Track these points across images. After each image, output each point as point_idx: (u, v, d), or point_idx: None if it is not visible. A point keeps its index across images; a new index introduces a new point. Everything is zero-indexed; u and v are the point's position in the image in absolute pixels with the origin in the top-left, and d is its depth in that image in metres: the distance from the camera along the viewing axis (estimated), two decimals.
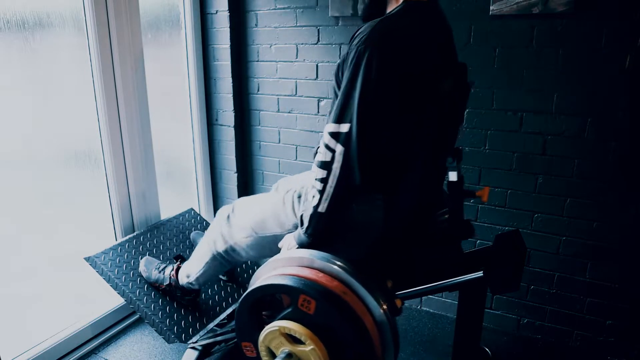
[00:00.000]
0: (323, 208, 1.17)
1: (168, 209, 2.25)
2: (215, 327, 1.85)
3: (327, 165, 1.14)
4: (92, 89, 1.84)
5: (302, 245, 1.25)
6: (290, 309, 1.12)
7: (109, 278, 1.81)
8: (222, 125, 2.47)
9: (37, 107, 1.71)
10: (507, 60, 1.80)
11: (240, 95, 2.44)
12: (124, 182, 1.99)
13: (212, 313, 1.89)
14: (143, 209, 2.07)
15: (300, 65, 2.24)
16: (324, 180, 1.15)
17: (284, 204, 1.41)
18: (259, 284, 1.16)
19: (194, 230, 2.19)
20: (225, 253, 1.58)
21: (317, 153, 1.20)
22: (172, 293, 1.83)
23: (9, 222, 1.67)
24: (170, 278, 1.81)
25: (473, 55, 1.85)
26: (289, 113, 2.33)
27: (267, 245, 1.48)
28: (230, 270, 2.05)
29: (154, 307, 1.81)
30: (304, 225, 1.22)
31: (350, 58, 1.12)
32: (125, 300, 1.81)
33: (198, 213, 2.32)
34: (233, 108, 2.40)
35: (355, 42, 1.12)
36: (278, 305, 1.20)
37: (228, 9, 2.27)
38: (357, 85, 1.10)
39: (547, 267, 1.92)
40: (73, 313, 1.89)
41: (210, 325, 1.83)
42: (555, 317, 1.95)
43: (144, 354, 1.87)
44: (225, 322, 1.90)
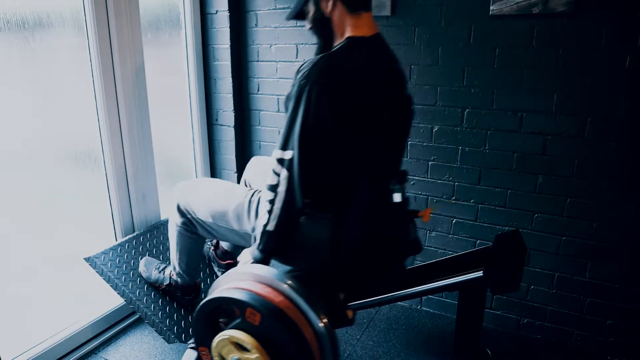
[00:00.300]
0: (272, 227, 1.28)
1: (168, 209, 2.24)
2: None
3: (274, 188, 1.26)
4: (92, 89, 1.85)
5: (256, 260, 1.34)
6: (239, 320, 1.23)
7: (109, 278, 1.81)
8: (222, 125, 2.47)
9: (37, 107, 1.71)
10: (507, 60, 1.80)
11: (240, 95, 2.44)
12: (124, 182, 1.99)
13: None
14: (143, 209, 2.07)
15: None
16: (272, 202, 1.27)
17: (250, 204, 1.45)
18: (213, 296, 1.28)
19: None
20: (185, 225, 1.64)
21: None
22: (172, 293, 1.84)
23: (9, 222, 1.67)
24: (170, 278, 1.82)
25: (473, 55, 1.85)
26: None
27: (221, 231, 1.56)
28: None
29: (154, 307, 1.81)
30: (257, 242, 1.33)
31: (293, 91, 1.22)
32: (125, 300, 1.81)
33: None
34: (233, 108, 2.40)
35: (298, 76, 1.22)
36: (232, 314, 1.28)
37: (228, 9, 2.27)
38: (298, 117, 1.21)
39: (547, 267, 1.92)
40: (73, 313, 1.89)
41: None
42: (555, 317, 1.95)
43: (144, 354, 1.87)
44: None
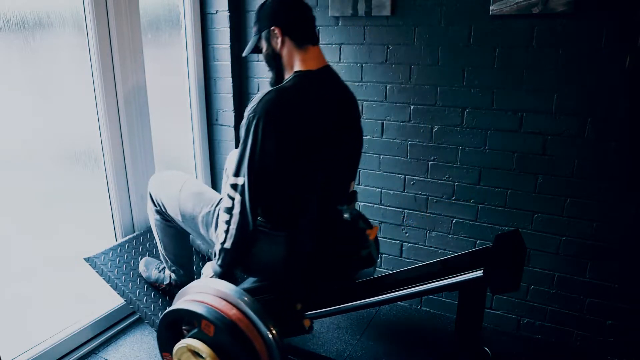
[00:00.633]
0: (228, 245, 1.38)
1: None
2: None
3: (229, 210, 1.37)
4: (92, 89, 1.85)
5: (216, 274, 1.45)
6: (197, 330, 1.34)
7: (109, 278, 1.81)
8: (222, 125, 2.47)
9: (37, 107, 1.71)
10: (507, 60, 1.80)
11: (240, 95, 2.44)
12: (124, 182, 1.99)
13: None
14: (143, 209, 2.07)
15: None
16: (228, 222, 1.37)
17: (219, 216, 1.48)
18: (173, 308, 1.39)
19: None
20: (159, 214, 1.72)
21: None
22: (172, 293, 1.84)
23: (9, 222, 1.67)
24: (170, 277, 1.82)
25: (473, 55, 1.85)
26: None
27: (190, 231, 1.66)
28: None
29: (154, 307, 1.81)
30: (216, 257, 1.43)
31: (243, 123, 1.33)
32: (125, 301, 1.82)
33: None
34: (233, 108, 2.40)
35: (247, 110, 1.32)
36: (193, 323, 1.37)
37: (228, 9, 2.27)
38: (247, 147, 1.32)
39: (547, 267, 1.92)
40: (73, 313, 1.89)
41: None
42: (555, 317, 1.95)
43: (144, 354, 1.87)
44: None
